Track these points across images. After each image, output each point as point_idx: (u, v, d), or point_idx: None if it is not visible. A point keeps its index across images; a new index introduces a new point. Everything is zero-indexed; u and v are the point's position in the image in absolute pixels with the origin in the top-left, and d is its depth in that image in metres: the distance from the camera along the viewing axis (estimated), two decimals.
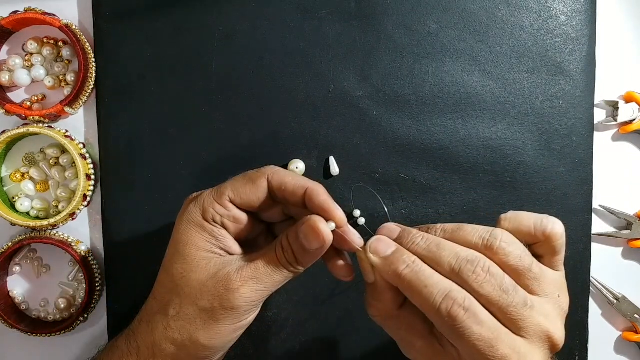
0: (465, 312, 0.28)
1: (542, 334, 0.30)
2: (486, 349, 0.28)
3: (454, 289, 0.29)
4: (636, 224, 0.44)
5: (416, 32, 0.43)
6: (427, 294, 0.29)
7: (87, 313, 0.43)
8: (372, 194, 0.43)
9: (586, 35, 0.43)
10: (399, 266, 0.30)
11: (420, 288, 0.29)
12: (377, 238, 0.32)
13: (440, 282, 0.29)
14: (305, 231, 0.31)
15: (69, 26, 0.42)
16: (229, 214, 0.33)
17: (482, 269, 0.29)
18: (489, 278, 0.29)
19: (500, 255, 0.30)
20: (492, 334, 0.28)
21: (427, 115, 0.43)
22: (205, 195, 0.34)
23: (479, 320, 0.28)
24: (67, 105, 0.42)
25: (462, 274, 0.29)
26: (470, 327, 0.28)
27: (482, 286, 0.29)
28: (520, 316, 0.29)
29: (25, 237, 0.42)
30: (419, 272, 0.30)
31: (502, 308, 0.29)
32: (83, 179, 0.42)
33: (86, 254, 0.43)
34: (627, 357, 0.46)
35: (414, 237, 0.31)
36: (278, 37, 0.43)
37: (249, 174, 0.34)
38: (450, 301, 0.28)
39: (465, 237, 0.31)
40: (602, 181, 0.45)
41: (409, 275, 0.30)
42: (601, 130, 0.45)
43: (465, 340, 0.28)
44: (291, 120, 0.43)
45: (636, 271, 0.46)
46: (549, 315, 0.30)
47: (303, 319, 0.44)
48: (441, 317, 0.28)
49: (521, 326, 0.29)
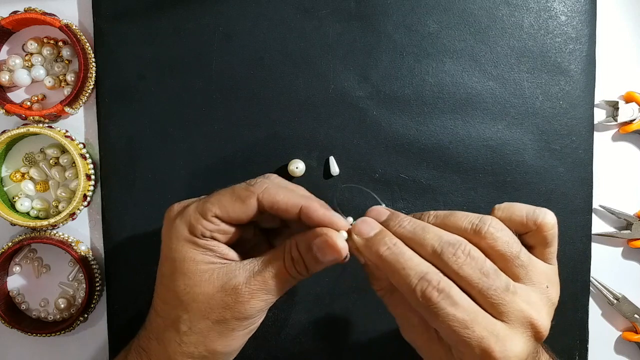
0: (439, 294, 0.29)
1: (523, 320, 0.30)
2: (461, 330, 0.29)
3: (431, 271, 0.29)
4: (636, 224, 0.44)
5: (416, 32, 0.43)
6: (405, 275, 0.29)
7: (87, 313, 0.43)
8: (369, 188, 0.43)
9: (586, 35, 0.43)
10: (380, 247, 0.31)
11: (399, 269, 0.30)
12: (362, 220, 0.32)
13: (418, 265, 0.30)
14: (320, 245, 0.31)
15: (69, 26, 0.42)
16: (217, 228, 0.32)
17: (463, 252, 0.30)
18: (469, 261, 0.30)
19: (488, 239, 0.30)
20: (467, 316, 0.29)
21: (427, 115, 0.43)
22: (191, 211, 0.33)
23: (454, 301, 0.29)
24: (67, 105, 0.42)
25: (443, 255, 0.30)
26: (444, 309, 0.29)
27: (462, 268, 0.29)
28: (501, 300, 0.29)
29: (25, 237, 0.42)
30: (399, 254, 0.30)
31: (481, 291, 0.29)
32: (83, 179, 0.42)
33: (86, 254, 0.43)
34: (627, 357, 0.46)
35: (401, 220, 0.32)
36: (278, 37, 0.43)
37: (238, 190, 0.33)
38: (425, 283, 0.29)
39: (455, 222, 0.31)
40: (602, 181, 0.45)
41: (389, 257, 0.30)
42: (601, 130, 0.45)
43: (440, 321, 0.29)
44: (291, 120, 0.43)
45: (636, 271, 0.46)
46: (533, 303, 0.30)
47: (303, 319, 0.44)
48: (416, 298, 0.29)
49: (502, 310, 0.29)
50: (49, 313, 0.44)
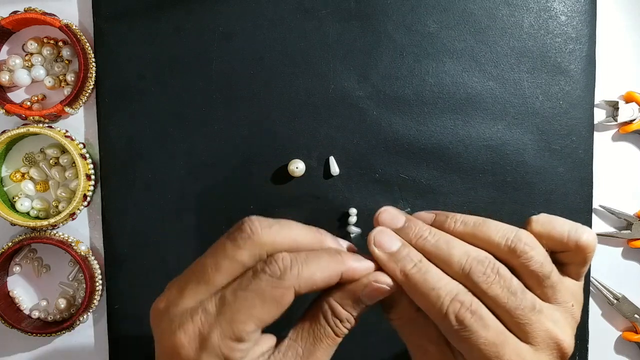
0: (472, 316, 0.27)
1: (549, 341, 0.28)
2: (492, 354, 0.27)
3: (461, 291, 0.28)
4: (636, 224, 0.44)
5: (416, 32, 0.43)
6: (435, 296, 0.27)
7: (87, 313, 0.43)
8: (371, 193, 0.43)
9: (586, 35, 0.43)
10: (406, 265, 0.28)
11: (428, 290, 0.28)
12: (381, 231, 0.30)
13: (447, 285, 0.28)
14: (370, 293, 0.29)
15: (69, 26, 0.42)
16: (254, 340, 0.27)
17: (492, 270, 0.28)
18: (497, 279, 0.28)
19: (522, 258, 0.28)
20: (498, 338, 0.27)
21: (427, 115, 0.43)
22: (218, 341, 0.25)
23: (486, 323, 0.27)
24: (67, 105, 0.42)
25: (472, 274, 0.28)
26: (476, 331, 0.27)
27: (491, 287, 0.28)
28: (527, 320, 0.28)
29: (25, 237, 0.42)
30: (426, 272, 0.28)
31: (509, 310, 0.28)
32: (83, 179, 0.42)
33: (86, 254, 0.43)
34: (627, 357, 0.46)
35: (421, 230, 0.29)
36: (278, 37, 0.43)
37: (267, 291, 0.26)
38: (457, 304, 0.27)
39: (488, 234, 0.29)
40: (602, 181, 0.45)
41: (415, 275, 0.28)
42: (601, 130, 0.45)
43: (471, 344, 0.27)
44: (291, 120, 0.43)
45: (636, 271, 0.46)
46: (557, 322, 0.29)
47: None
48: (448, 320, 0.27)
49: (527, 330, 0.28)
50: (49, 313, 0.44)
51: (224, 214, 0.43)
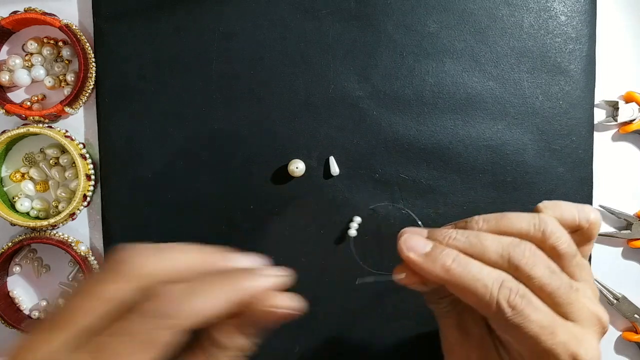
0: (522, 300, 0.27)
1: (591, 317, 0.28)
2: (547, 337, 0.27)
3: (507, 278, 0.27)
4: (636, 224, 0.44)
5: (416, 32, 0.43)
6: (482, 287, 0.27)
7: None
8: (371, 195, 0.43)
9: (586, 35, 0.43)
10: (446, 260, 0.28)
11: (473, 282, 0.27)
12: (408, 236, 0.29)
13: (491, 273, 0.27)
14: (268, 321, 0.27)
15: (69, 26, 0.42)
16: None
17: (531, 252, 0.28)
18: (538, 260, 0.28)
19: (552, 239, 0.28)
20: (550, 321, 0.27)
21: (427, 115, 0.43)
22: None
23: (536, 307, 0.27)
24: (67, 105, 0.42)
25: (513, 259, 0.27)
26: (529, 315, 0.27)
27: (534, 269, 0.27)
28: (569, 299, 0.28)
29: (25, 237, 0.42)
30: (468, 264, 0.27)
31: (552, 291, 0.27)
32: (83, 179, 0.42)
33: (86, 254, 0.43)
34: (627, 357, 0.46)
35: (448, 232, 0.29)
36: (278, 37, 0.43)
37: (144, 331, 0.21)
38: (507, 290, 0.27)
39: (512, 224, 0.29)
40: (602, 181, 0.45)
41: (457, 269, 0.27)
42: (601, 130, 0.45)
43: (524, 330, 0.27)
44: (291, 120, 0.43)
45: (636, 271, 0.46)
46: (591, 298, 0.29)
47: (303, 320, 0.43)
48: (500, 308, 0.27)
49: (571, 310, 0.28)
50: (49, 313, 0.44)
51: (224, 214, 0.43)
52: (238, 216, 0.43)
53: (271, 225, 0.43)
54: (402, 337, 0.43)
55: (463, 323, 0.31)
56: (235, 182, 0.43)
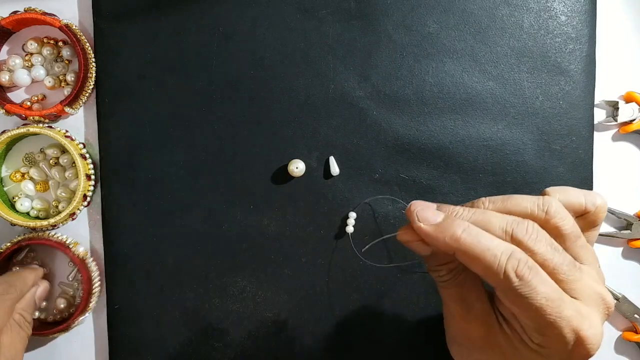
0: (530, 271, 0.27)
1: (595, 296, 0.29)
2: (552, 310, 0.27)
3: (516, 250, 0.28)
4: (636, 224, 0.44)
5: (416, 32, 0.43)
6: (491, 255, 0.27)
7: (84, 314, 0.43)
8: (372, 195, 0.43)
9: (586, 35, 0.43)
10: (456, 230, 0.28)
11: (483, 250, 0.28)
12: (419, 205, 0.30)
13: (501, 244, 0.28)
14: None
15: (69, 26, 0.42)
16: None
17: (533, 229, 0.28)
18: (540, 237, 0.28)
19: (557, 219, 0.29)
20: (556, 294, 0.27)
21: (427, 115, 0.43)
22: None
23: (543, 279, 0.27)
24: (67, 105, 0.42)
25: (516, 234, 0.28)
26: (536, 287, 0.27)
27: (537, 244, 0.28)
28: (573, 276, 0.28)
29: (23, 238, 0.42)
30: (478, 234, 0.28)
31: (555, 267, 0.28)
32: (83, 179, 0.42)
33: (84, 255, 0.43)
34: (627, 357, 0.46)
35: (456, 209, 0.30)
36: (278, 37, 0.43)
37: None
38: (515, 261, 0.27)
39: (517, 204, 0.30)
40: (602, 181, 0.45)
41: (467, 239, 0.28)
42: (601, 130, 0.45)
43: (531, 301, 0.27)
44: (291, 120, 0.43)
45: (636, 271, 0.46)
46: (596, 280, 0.29)
47: (303, 320, 0.44)
48: (507, 278, 0.27)
49: (575, 287, 0.28)
50: (49, 313, 0.44)
51: (224, 214, 0.43)
52: (238, 216, 0.43)
53: (271, 225, 0.43)
54: (405, 332, 0.43)
55: (465, 298, 0.32)
56: (235, 182, 0.43)
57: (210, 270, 0.43)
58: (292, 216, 0.43)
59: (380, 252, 0.43)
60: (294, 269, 0.43)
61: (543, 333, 0.28)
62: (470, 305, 0.32)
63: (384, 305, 0.43)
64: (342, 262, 0.43)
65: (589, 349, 0.28)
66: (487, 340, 0.31)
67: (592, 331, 0.28)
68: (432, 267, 0.33)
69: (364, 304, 0.43)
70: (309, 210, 0.43)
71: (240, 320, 0.43)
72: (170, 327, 0.43)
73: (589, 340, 0.28)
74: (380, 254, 0.43)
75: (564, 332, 0.27)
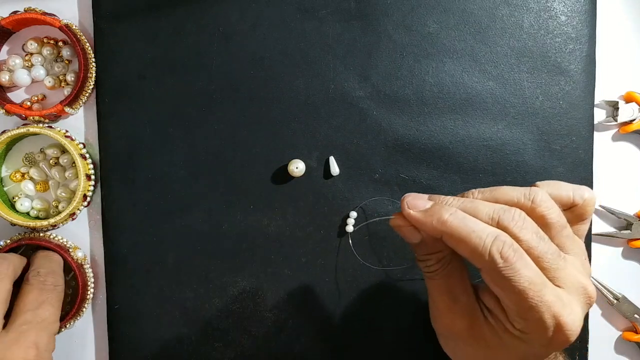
0: (514, 253, 0.28)
1: (578, 285, 0.30)
2: (535, 294, 0.28)
3: (501, 233, 0.29)
4: (636, 224, 0.44)
5: (416, 32, 0.43)
6: (476, 237, 0.29)
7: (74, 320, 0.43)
8: (372, 195, 0.43)
9: (586, 35, 0.43)
10: (443, 214, 0.30)
11: (468, 233, 0.29)
12: (410, 195, 0.32)
13: (487, 227, 0.29)
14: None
15: (69, 26, 0.42)
16: None
17: (519, 216, 0.29)
18: (526, 224, 0.29)
19: (542, 208, 0.30)
20: (539, 279, 0.28)
21: (427, 115, 0.43)
22: None
23: (527, 263, 0.28)
24: (67, 105, 0.42)
25: (502, 220, 0.29)
26: (519, 269, 0.28)
27: (522, 231, 0.29)
28: (557, 265, 0.29)
29: (23, 237, 0.42)
30: (464, 218, 0.29)
31: (539, 255, 0.29)
32: (83, 179, 0.42)
33: (82, 261, 0.43)
34: (627, 357, 0.46)
35: (445, 198, 0.32)
36: (278, 37, 0.43)
37: None
38: (501, 243, 0.28)
39: (505, 194, 0.31)
40: (602, 181, 0.45)
41: (454, 222, 0.29)
42: (601, 130, 0.45)
43: (514, 282, 0.28)
44: (291, 120, 0.43)
45: (636, 271, 0.46)
46: (580, 270, 0.30)
47: (303, 320, 0.44)
48: (492, 258, 0.28)
49: (557, 275, 0.29)
50: None
51: (224, 214, 0.43)
52: (238, 216, 0.43)
53: (271, 225, 0.43)
54: (405, 332, 0.43)
55: (451, 290, 0.33)
56: (235, 182, 0.43)
57: (210, 270, 0.43)
58: (292, 216, 0.43)
59: (379, 253, 0.43)
60: (294, 269, 0.43)
61: (525, 317, 0.29)
62: (456, 297, 0.33)
63: (384, 305, 0.43)
64: (342, 262, 0.43)
65: (568, 335, 0.29)
66: (471, 331, 0.32)
67: (571, 317, 0.29)
68: (421, 256, 0.34)
69: (363, 304, 0.43)
70: (309, 210, 0.43)
71: (240, 320, 0.43)
72: (170, 327, 0.43)
73: (568, 327, 0.29)
74: (379, 254, 0.43)
75: (544, 316, 0.28)
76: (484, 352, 0.32)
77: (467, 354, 0.34)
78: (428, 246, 0.33)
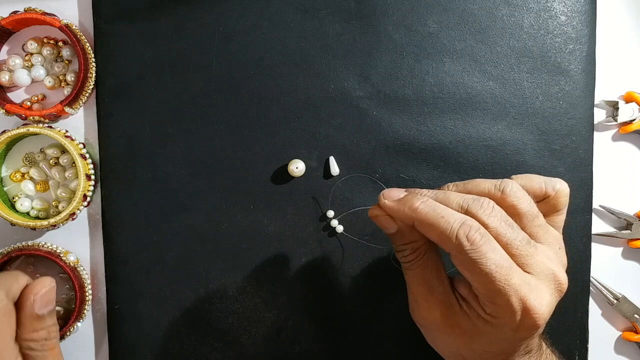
0: (481, 237, 0.29)
1: (547, 272, 0.30)
2: (502, 278, 0.29)
3: (468, 219, 0.30)
4: (636, 224, 0.44)
5: (416, 32, 0.43)
6: (444, 222, 0.30)
7: (78, 322, 0.43)
8: (371, 193, 0.43)
9: (586, 35, 0.43)
10: (414, 202, 0.31)
11: (437, 219, 0.30)
12: (388, 189, 0.34)
13: (455, 213, 0.30)
14: None
15: (69, 26, 0.42)
16: None
17: (488, 205, 0.31)
18: (495, 212, 0.30)
19: (512, 197, 0.31)
20: (505, 263, 0.29)
21: (427, 115, 0.43)
22: None
23: (494, 247, 0.29)
24: (67, 105, 0.42)
25: (470, 208, 0.30)
26: (486, 253, 0.29)
27: (490, 218, 0.30)
28: (526, 252, 0.30)
29: (12, 250, 0.41)
30: (434, 205, 0.31)
31: (508, 242, 0.30)
32: (83, 179, 0.42)
33: (75, 264, 0.43)
34: (627, 357, 0.46)
35: (420, 191, 0.33)
36: (278, 37, 0.43)
37: None
38: (467, 227, 0.29)
39: (476, 185, 0.33)
40: (602, 181, 0.45)
41: (424, 209, 0.31)
42: (601, 130, 0.45)
43: (481, 265, 0.29)
44: (291, 120, 0.43)
45: (636, 271, 0.46)
46: (551, 258, 0.31)
47: (303, 320, 0.44)
48: (459, 242, 0.29)
49: (527, 262, 0.30)
50: None
51: (224, 214, 0.43)
52: (238, 216, 0.43)
53: (271, 225, 0.43)
54: (405, 332, 0.43)
55: (428, 280, 0.34)
56: (235, 182, 0.43)
57: (210, 270, 0.43)
58: (292, 216, 0.43)
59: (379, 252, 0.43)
60: (293, 269, 0.43)
61: (493, 301, 0.30)
62: (432, 287, 0.34)
63: (384, 305, 0.43)
64: (342, 262, 0.43)
65: (536, 318, 0.30)
66: (448, 320, 0.33)
67: (538, 301, 0.29)
68: (399, 246, 0.35)
69: (363, 304, 0.43)
70: (309, 210, 0.43)
71: (240, 320, 0.43)
72: (170, 327, 0.43)
73: (535, 310, 0.29)
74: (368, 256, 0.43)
75: (511, 300, 0.29)
76: (461, 340, 0.33)
77: (446, 343, 0.35)
78: (404, 236, 0.34)
